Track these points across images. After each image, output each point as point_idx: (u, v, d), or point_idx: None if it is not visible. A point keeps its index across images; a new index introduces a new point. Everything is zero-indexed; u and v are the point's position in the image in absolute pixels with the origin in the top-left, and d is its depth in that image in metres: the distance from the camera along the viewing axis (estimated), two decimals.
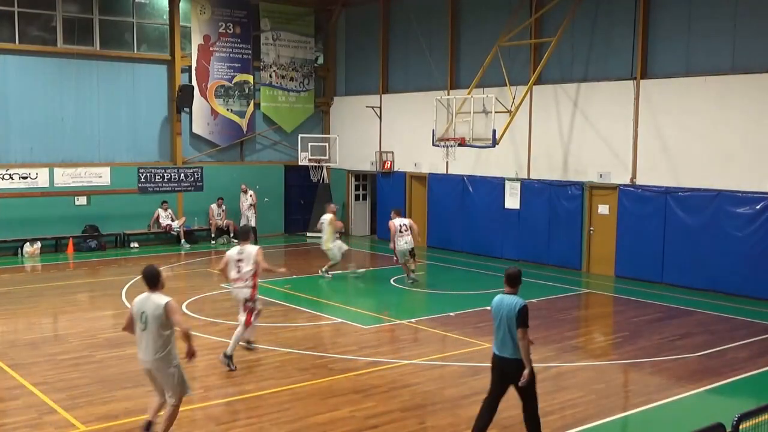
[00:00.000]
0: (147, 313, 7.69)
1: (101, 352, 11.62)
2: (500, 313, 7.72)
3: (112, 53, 22.67)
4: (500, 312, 7.73)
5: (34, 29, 21.68)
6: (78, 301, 15.46)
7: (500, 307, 7.75)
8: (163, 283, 7.87)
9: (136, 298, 7.89)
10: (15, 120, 21.17)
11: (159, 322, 7.65)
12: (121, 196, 22.68)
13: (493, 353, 7.83)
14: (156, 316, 7.65)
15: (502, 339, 7.71)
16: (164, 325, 7.68)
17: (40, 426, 8.54)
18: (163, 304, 7.65)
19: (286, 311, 14.48)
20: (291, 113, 26.05)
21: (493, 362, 7.84)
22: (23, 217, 21.18)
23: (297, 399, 9.53)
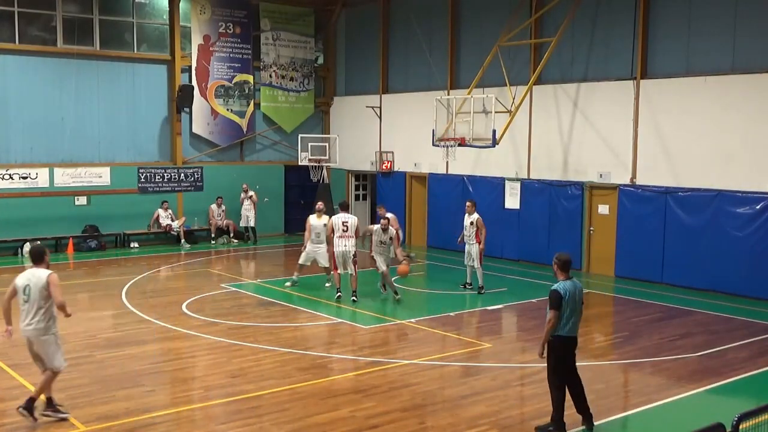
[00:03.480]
0: (30, 286, 8.56)
1: (101, 352, 11.62)
2: (575, 297, 8.33)
3: (112, 53, 22.68)
4: (575, 296, 8.33)
5: (34, 29, 21.68)
6: (78, 301, 15.44)
7: (574, 293, 8.33)
8: (47, 261, 8.84)
9: (22, 273, 8.78)
10: (15, 120, 21.18)
11: (41, 294, 8.52)
12: (121, 196, 22.69)
13: (572, 336, 8.37)
14: (39, 288, 8.52)
15: (575, 322, 8.41)
16: (45, 296, 8.54)
17: (41, 426, 8.53)
18: (45, 277, 8.56)
19: (286, 311, 14.48)
20: (291, 113, 26.06)
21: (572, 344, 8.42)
22: (23, 217, 21.18)
23: (297, 399, 9.53)
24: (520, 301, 15.67)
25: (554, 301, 8.20)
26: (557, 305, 8.18)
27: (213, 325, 13.22)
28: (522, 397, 9.80)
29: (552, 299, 8.23)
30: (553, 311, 8.20)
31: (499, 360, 11.25)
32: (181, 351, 11.86)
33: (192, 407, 9.31)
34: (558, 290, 8.24)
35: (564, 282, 8.36)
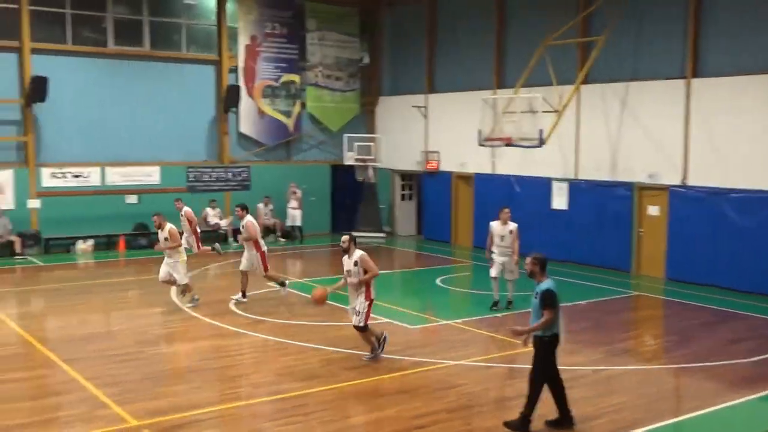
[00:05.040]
0: None
1: (150, 348, 11.80)
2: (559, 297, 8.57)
3: (162, 54, 23.04)
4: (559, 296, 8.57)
5: (86, 31, 22.13)
6: (128, 298, 15.73)
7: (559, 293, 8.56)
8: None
9: None
10: (68, 120, 21.64)
11: None
12: (171, 195, 22.97)
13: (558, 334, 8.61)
14: None
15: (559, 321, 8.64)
16: None
17: (93, 419, 8.70)
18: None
19: (332, 310, 14.51)
20: (337, 113, 26.16)
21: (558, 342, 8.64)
22: (76, 215, 21.62)
23: (343, 398, 9.56)
24: (567, 303, 15.46)
25: (552, 301, 8.39)
26: (554, 305, 8.39)
27: (260, 323, 13.33)
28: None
29: (549, 299, 8.39)
30: (551, 311, 8.35)
31: None
32: (228, 348, 11.99)
33: (238, 404, 9.41)
34: (553, 290, 8.45)
35: (551, 282, 8.56)
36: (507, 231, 14.29)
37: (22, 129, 21.19)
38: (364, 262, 10.92)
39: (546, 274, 8.61)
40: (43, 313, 14.85)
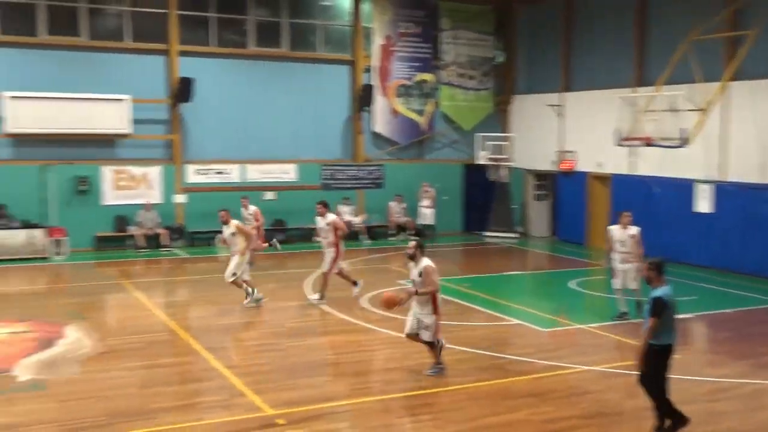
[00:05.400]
0: None
1: (285, 340, 12.14)
2: (675, 304, 8.23)
3: (299, 54, 23.71)
4: (675, 303, 8.22)
5: (229, 33, 23.09)
6: (265, 291, 16.24)
7: (674, 300, 8.20)
8: None
9: None
10: (212, 119, 22.64)
11: None
12: (306, 192, 23.61)
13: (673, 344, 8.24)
14: None
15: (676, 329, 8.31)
16: None
17: (232, 407, 9.05)
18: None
19: (462, 310, 14.48)
20: (470, 112, 26.04)
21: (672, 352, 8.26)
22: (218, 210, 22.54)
23: (473, 398, 9.50)
24: (712, 311, 14.74)
25: (660, 309, 8.00)
26: (660, 313, 7.99)
27: (391, 320, 13.43)
28: (711, 414, 9.19)
29: (656, 307, 8.00)
30: (656, 319, 7.97)
31: (686, 372, 10.61)
32: (361, 344, 12.17)
33: (370, 399, 9.52)
34: (662, 298, 8.04)
35: (664, 288, 8.14)
36: (627, 236, 13.30)
37: (170, 128, 22.34)
38: (426, 274, 10.18)
39: (663, 279, 8.21)
40: (187, 303, 15.59)
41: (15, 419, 8.53)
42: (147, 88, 21.82)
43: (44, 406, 8.99)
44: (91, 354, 11.19)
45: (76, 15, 21.20)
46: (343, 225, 15.05)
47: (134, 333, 12.49)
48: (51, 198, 20.66)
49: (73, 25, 21.17)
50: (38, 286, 17.48)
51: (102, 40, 21.51)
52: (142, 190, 21.92)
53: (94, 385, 9.78)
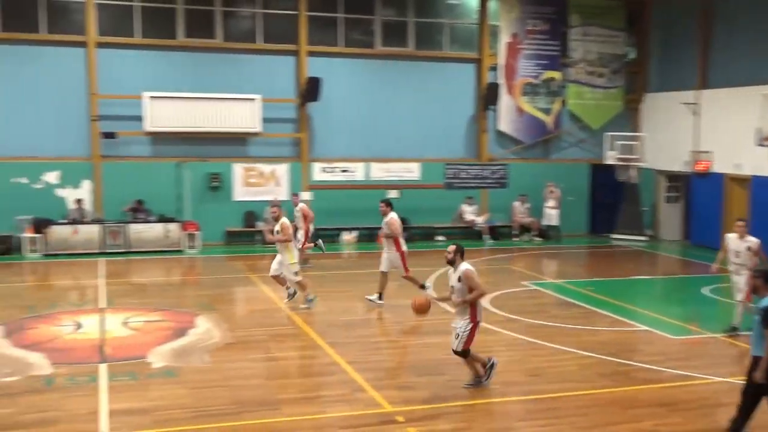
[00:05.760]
0: None
1: (406, 338, 12.20)
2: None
3: (425, 53, 23.77)
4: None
5: (357, 33, 23.43)
6: (388, 289, 16.36)
7: None
8: None
9: None
10: (338, 118, 23.05)
11: None
12: (429, 191, 23.65)
13: None
14: None
15: None
16: None
17: (352, 402, 9.17)
18: None
19: (587, 314, 14.10)
20: (598, 110, 25.32)
21: None
22: (342, 207, 22.97)
23: (597, 405, 9.22)
24: None
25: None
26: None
27: (513, 322, 13.26)
28: None
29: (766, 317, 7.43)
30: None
31: None
32: (481, 344, 12.01)
33: (490, 401, 9.41)
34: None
35: None
36: (744, 247, 12.45)
37: (298, 126, 22.91)
38: (468, 279, 9.45)
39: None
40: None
41: (150, 403, 8.97)
42: (277, 87, 22.47)
43: (176, 392, 9.41)
44: (220, 344, 11.62)
45: (212, 18, 22.09)
46: (396, 226, 14.48)
47: (260, 326, 12.89)
48: (185, 193, 21.62)
49: (209, 27, 22.07)
50: (172, 278, 18.34)
51: (235, 42, 22.33)
52: (270, 186, 22.61)
53: (222, 374, 10.15)
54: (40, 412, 8.66)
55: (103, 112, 21.12)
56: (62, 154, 21.06)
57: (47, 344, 11.48)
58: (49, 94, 20.93)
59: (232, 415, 8.67)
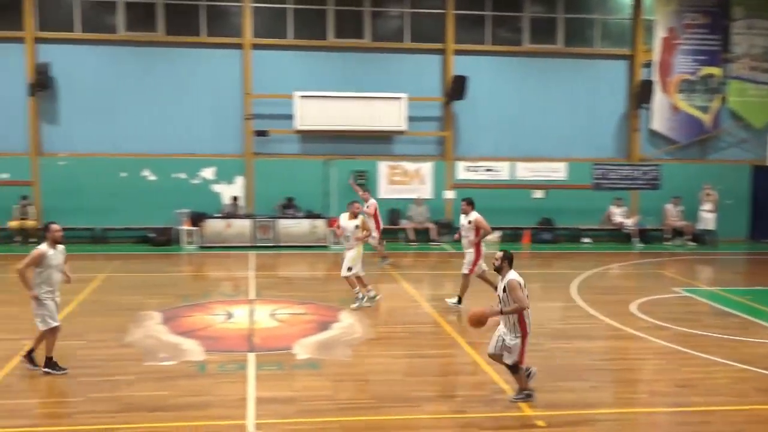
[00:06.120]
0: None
1: (549, 342, 11.92)
2: None
3: (574, 50, 23.18)
4: None
5: (504, 31, 23.17)
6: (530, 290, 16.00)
7: None
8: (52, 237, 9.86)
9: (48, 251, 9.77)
10: (484, 116, 22.91)
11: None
12: (576, 192, 23.05)
13: None
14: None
15: None
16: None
17: (492, 403, 9.06)
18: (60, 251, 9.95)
19: (745, 324, 13.26)
20: (763, 108, 23.80)
21: None
22: (486, 207, 22.64)
23: (752, 422, 8.64)
24: None
25: None
26: None
27: (662, 329, 12.67)
28: None
29: None
30: None
31: None
32: (627, 351, 11.63)
33: (636, 410, 9.04)
34: None
35: None
36: None
37: (443, 125, 22.94)
38: (511, 289, 8.82)
39: None
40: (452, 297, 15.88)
41: (294, 393, 9.24)
42: (422, 86, 22.60)
43: (319, 383, 9.65)
44: (362, 339, 11.81)
45: (361, 18, 22.50)
46: (486, 225, 13.99)
47: (401, 323, 13.00)
48: (332, 190, 22.14)
49: (358, 27, 22.50)
50: (317, 272, 18.83)
51: (383, 41, 22.64)
52: (414, 185, 22.77)
53: (363, 369, 10.31)
54: (193, 396, 9.11)
55: (256, 111, 22.02)
56: (218, 152, 22.15)
57: (201, 332, 12.08)
58: (207, 94, 22.06)
59: (371, 409, 8.78)
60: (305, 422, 8.37)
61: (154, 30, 21.79)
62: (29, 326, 11.96)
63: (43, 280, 9.77)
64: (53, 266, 9.80)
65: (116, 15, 21.73)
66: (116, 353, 10.83)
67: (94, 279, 16.25)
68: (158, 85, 21.94)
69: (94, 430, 8.08)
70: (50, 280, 9.80)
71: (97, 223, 21.65)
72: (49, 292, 9.81)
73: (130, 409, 8.64)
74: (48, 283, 9.79)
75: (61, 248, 10.08)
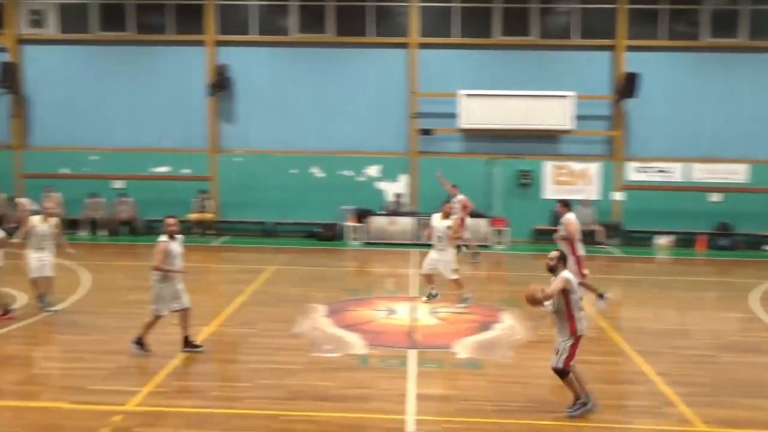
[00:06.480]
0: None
1: (726, 354, 11.19)
2: None
3: (760, 44, 21.70)
4: None
5: (681, 25, 22.04)
6: (705, 299, 15.23)
7: None
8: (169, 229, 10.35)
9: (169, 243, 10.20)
10: (657, 115, 21.95)
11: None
12: (758, 195, 21.56)
13: None
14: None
15: None
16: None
17: (660, 415, 8.62)
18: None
19: None
20: None
21: None
22: (658, 210, 21.80)
23: None
24: None
25: None
26: None
27: None
28: None
29: None
30: None
31: None
32: None
33: None
34: None
35: None
36: None
37: (612, 124, 22.14)
38: (555, 281, 8.56)
39: None
40: (619, 303, 15.28)
41: (454, 392, 9.22)
42: (590, 84, 21.92)
43: (478, 383, 9.56)
44: (523, 341, 11.60)
45: (528, 15, 22.13)
46: (574, 231, 13.19)
47: None
48: (495, 190, 21.94)
49: (524, 25, 22.15)
50: (479, 272, 18.71)
51: (550, 38, 22.16)
52: (580, 185, 22.13)
53: (522, 371, 10.12)
54: (355, 388, 9.29)
55: (420, 109, 22.20)
56: (383, 150, 22.53)
57: (363, 326, 12.31)
58: (373, 94, 22.50)
59: (529, 412, 8.59)
60: (464, 421, 8.31)
61: (324, 31, 22.48)
62: (205, 313, 12.68)
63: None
64: (174, 256, 10.46)
65: (289, 18, 22.60)
66: (284, 343, 11.24)
67: (264, 271, 16.99)
68: (327, 85, 22.63)
69: (261, 415, 8.41)
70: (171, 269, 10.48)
71: (269, 217, 22.64)
72: (170, 279, 10.46)
73: (295, 397, 8.93)
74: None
75: (180, 239, 10.68)
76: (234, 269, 18.30)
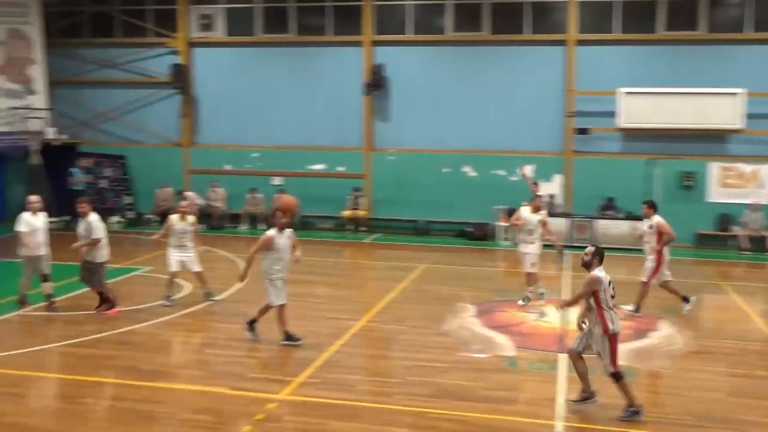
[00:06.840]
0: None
1: None
2: None
3: None
4: None
5: None
6: None
7: None
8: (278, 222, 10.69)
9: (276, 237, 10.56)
10: None
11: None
12: None
13: None
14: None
15: None
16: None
17: None
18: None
19: None
20: None
21: None
22: None
23: None
24: None
25: None
26: None
27: None
28: None
29: None
30: None
31: None
32: None
33: None
34: None
35: None
36: None
37: None
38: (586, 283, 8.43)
39: None
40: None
41: (606, 400, 8.81)
42: (765, 80, 20.54)
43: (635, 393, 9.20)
44: (682, 351, 11.07)
45: (695, 8, 21.05)
46: (670, 231, 12.61)
47: (728, 337, 11.94)
48: (655, 192, 21.03)
49: (691, 19, 21.08)
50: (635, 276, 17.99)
51: (720, 32, 20.96)
52: (750, 188, 20.81)
53: (680, 383, 9.66)
54: (502, 390, 9.21)
55: (577, 108, 21.64)
56: (536, 149, 22.14)
57: (513, 328, 12.17)
58: (528, 92, 22.15)
59: (688, 427, 8.19)
60: (614, 430, 8.04)
61: (480, 30, 22.37)
62: (357, 308, 12.98)
63: (272, 261, 10.74)
64: (281, 249, 10.73)
65: (444, 17, 22.67)
66: (433, 341, 11.32)
67: (415, 269, 17.16)
68: (481, 84, 22.51)
69: (409, 411, 8.50)
70: (279, 262, 10.76)
71: (420, 215, 22.83)
72: (278, 272, 10.75)
73: (443, 395, 8.97)
74: (277, 264, 10.75)
75: (288, 233, 10.91)
76: (385, 266, 18.59)
